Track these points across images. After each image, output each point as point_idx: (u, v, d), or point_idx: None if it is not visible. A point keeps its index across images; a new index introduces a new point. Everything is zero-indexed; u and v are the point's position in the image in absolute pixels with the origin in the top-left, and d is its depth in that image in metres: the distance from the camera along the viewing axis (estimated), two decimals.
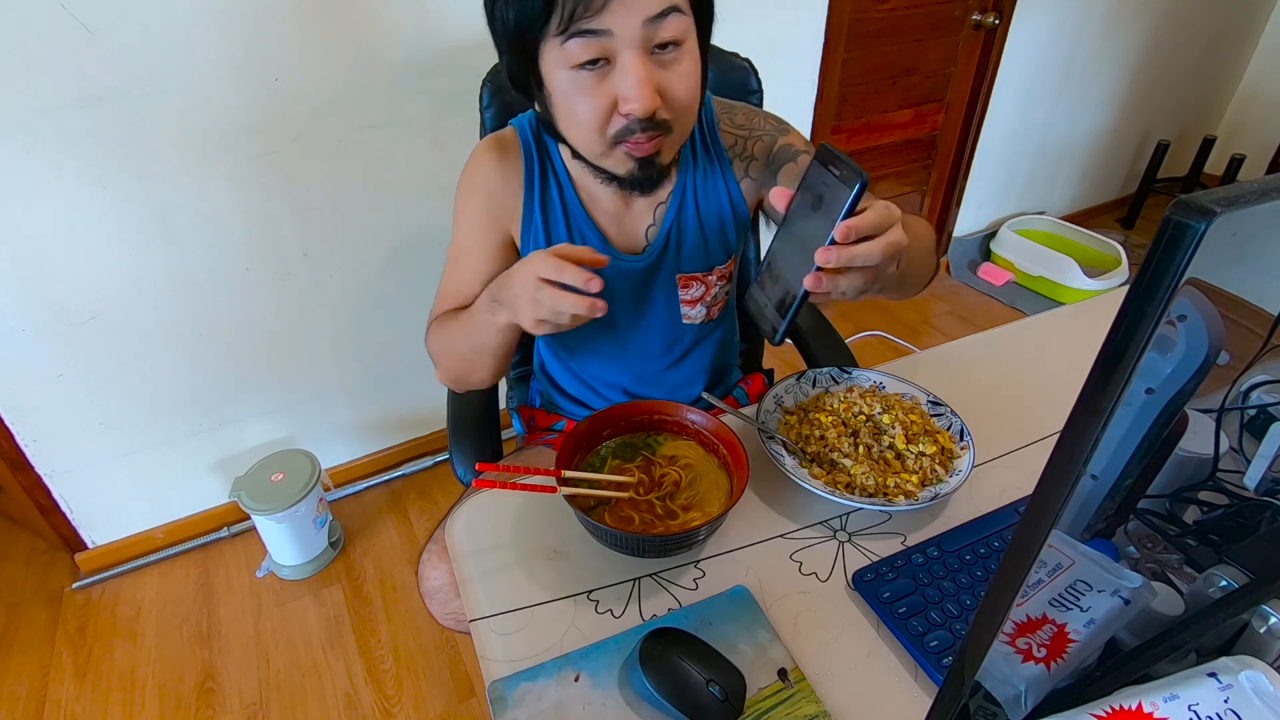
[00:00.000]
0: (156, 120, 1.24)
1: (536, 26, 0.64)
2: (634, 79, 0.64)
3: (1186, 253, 0.24)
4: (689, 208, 0.85)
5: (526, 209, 0.82)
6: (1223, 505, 0.52)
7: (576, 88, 0.66)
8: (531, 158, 0.82)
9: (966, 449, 0.76)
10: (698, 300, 0.90)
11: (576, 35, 0.62)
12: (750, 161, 0.86)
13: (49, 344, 1.34)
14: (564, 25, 0.62)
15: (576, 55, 0.63)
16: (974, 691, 0.44)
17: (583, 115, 0.67)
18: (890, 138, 2.29)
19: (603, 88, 0.66)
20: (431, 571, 0.84)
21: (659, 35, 0.64)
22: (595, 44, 0.63)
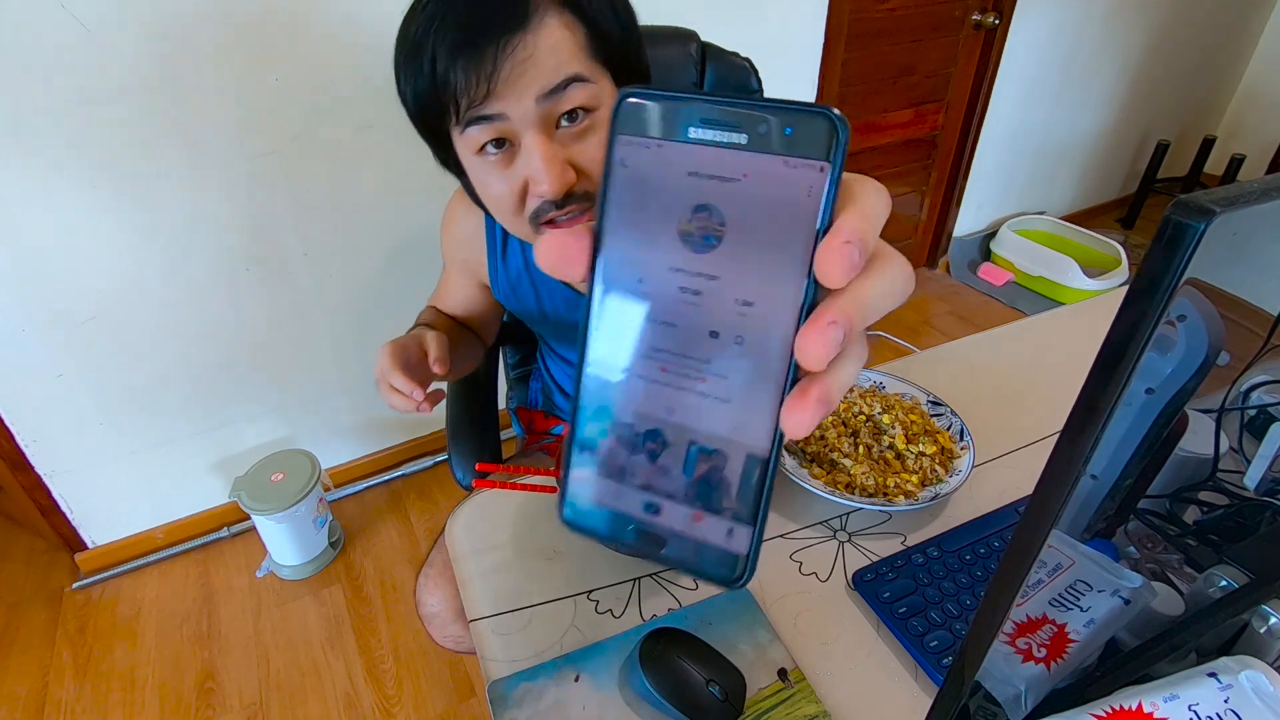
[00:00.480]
0: (156, 120, 1.24)
1: (435, 113, 0.61)
2: (538, 160, 0.59)
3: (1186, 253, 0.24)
4: None
5: (490, 263, 0.85)
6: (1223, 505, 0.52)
7: (486, 173, 0.63)
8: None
9: (966, 449, 0.76)
10: None
11: (472, 123, 0.60)
12: None
13: (49, 344, 1.34)
14: (459, 114, 0.59)
15: (477, 140, 0.61)
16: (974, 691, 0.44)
17: (497, 199, 0.65)
18: (890, 138, 2.29)
19: (513, 169, 0.62)
20: (428, 597, 0.85)
21: (561, 108, 0.59)
22: (491, 128, 0.60)
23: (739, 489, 0.23)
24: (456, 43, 0.57)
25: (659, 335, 0.23)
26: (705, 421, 0.23)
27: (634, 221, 0.23)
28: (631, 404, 0.24)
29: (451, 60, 0.57)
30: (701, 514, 0.24)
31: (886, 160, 2.34)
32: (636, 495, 0.24)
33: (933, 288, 2.65)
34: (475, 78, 0.57)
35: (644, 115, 0.23)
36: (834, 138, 0.21)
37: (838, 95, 2.07)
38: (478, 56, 0.57)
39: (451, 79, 0.58)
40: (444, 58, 0.58)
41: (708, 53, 1.03)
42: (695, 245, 0.23)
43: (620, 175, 0.23)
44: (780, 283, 0.22)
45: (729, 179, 0.22)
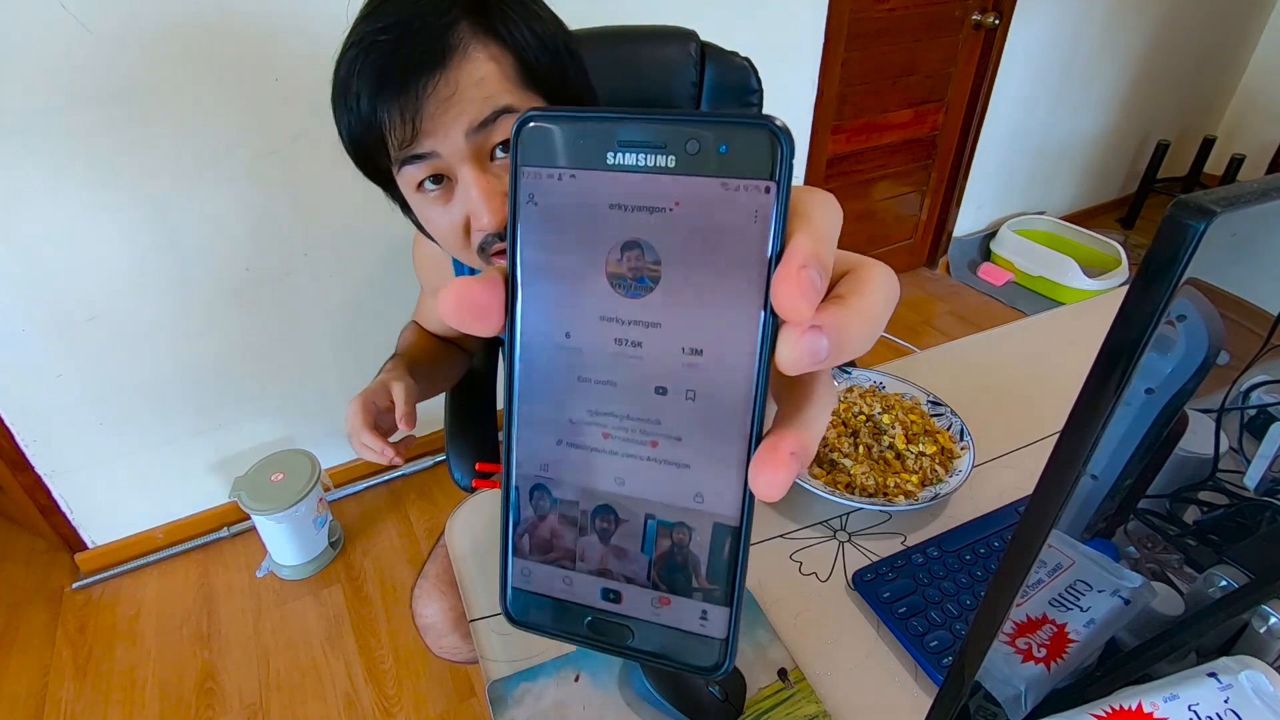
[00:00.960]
0: (156, 120, 1.24)
1: (371, 153, 0.61)
2: (476, 195, 0.59)
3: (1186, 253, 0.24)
4: None
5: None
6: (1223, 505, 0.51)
7: (429, 209, 0.63)
8: None
9: (966, 449, 0.76)
10: None
11: (406, 162, 0.59)
12: None
13: (49, 344, 1.34)
14: (393, 153, 0.59)
15: (414, 178, 0.60)
16: (974, 691, 0.44)
17: (442, 234, 0.65)
18: (890, 138, 2.29)
19: (453, 204, 0.61)
20: (424, 609, 0.85)
21: (493, 140, 0.59)
22: (426, 165, 0.59)
23: (709, 565, 0.20)
24: (380, 83, 0.56)
25: (597, 396, 0.20)
26: (662, 491, 0.20)
27: (553, 266, 0.20)
28: (573, 478, 0.21)
29: (376, 101, 0.57)
30: (668, 597, 0.21)
31: (886, 160, 2.34)
32: (591, 582, 0.22)
33: (933, 288, 2.65)
34: (400, 117, 0.57)
35: (550, 141, 0.20)
36: (777, 152, 0.18)
37: (838, 95, 2.07)
38: (401, 96, 0.56)
39: (378, 119, 0.57)
40: (368, 98, 0.57)
41: (707, 53, 1.03)
42: (628, 289, 0.19)
43: (530, 214, 0.20)
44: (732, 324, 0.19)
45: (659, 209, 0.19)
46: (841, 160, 2.22)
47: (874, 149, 2.28)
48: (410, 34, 0.55)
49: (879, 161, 2.32)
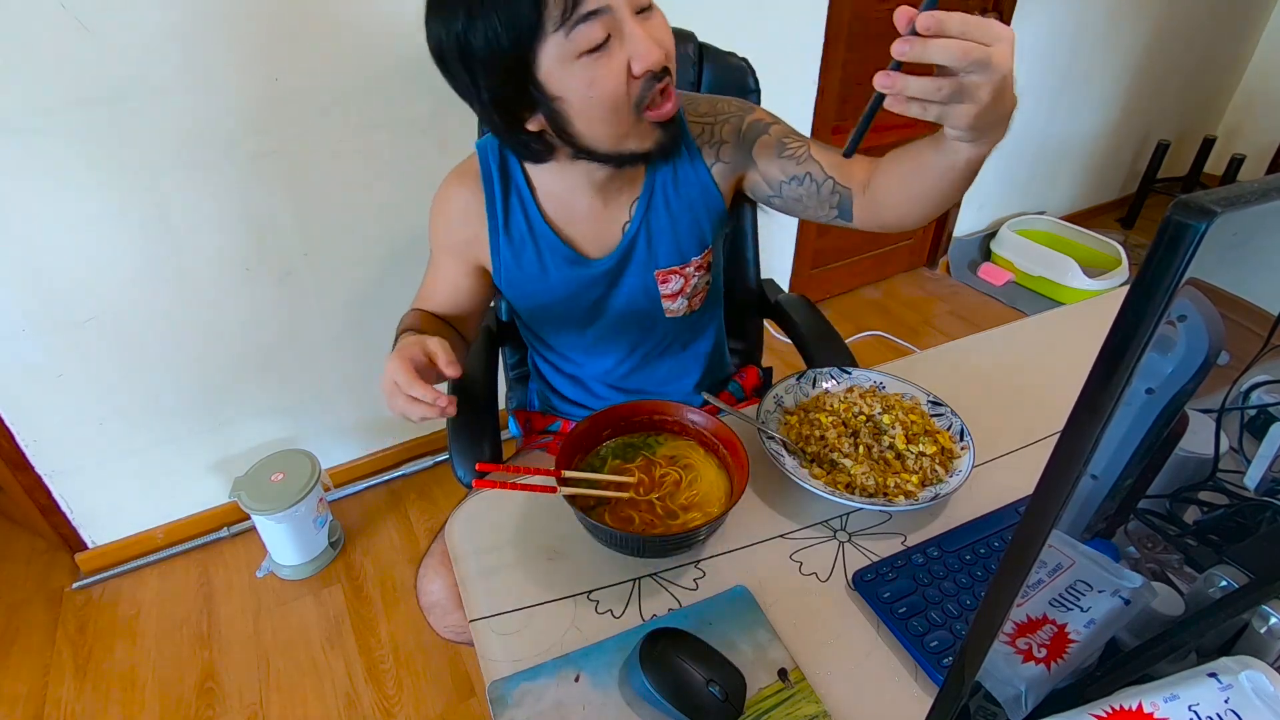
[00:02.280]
0: (156, 120, 1.24)
1: (530, 33, 0.64)
2: (642, 38, 0.66)
3: (1186, 253, 0.24)
4: (658, 202, 0.85)
5: (492, 238, 0.84)
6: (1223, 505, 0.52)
7: (595, 70, 0.66)
8: (493, 185, 0.83)
9: (966, 449, 0.76)
10: (678, 294, 0.90)
11: (580, 22, 0.63)
12: (720, 145, 0.84)
13: (49, 344, 1.34)
14: (564, 17, 0.63)
15: (585, 41, 0.64)
16: (974, 691, 0.44)
17: (608, 94, 0.68)
18: (890, 138, 2.28)
19: (613, 63, 0.67)
20: (429, 585, 0.85)
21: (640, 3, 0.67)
22: (598, 24, 0.64)
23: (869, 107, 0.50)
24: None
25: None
26: None
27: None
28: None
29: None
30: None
31: None
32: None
33: (933, 288, 2.65)
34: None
35: None
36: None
37: (838, 95, 2.07)
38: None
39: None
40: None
41: (705, 53, 1.03)
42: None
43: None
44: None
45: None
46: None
47: (874, 149, 2.26)
48: None
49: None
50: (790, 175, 0.81)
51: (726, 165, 0.84)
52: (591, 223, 0.84)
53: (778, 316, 1.13)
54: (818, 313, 1.11)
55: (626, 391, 0.98)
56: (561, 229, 0.84)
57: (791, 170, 0.81)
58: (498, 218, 0.83)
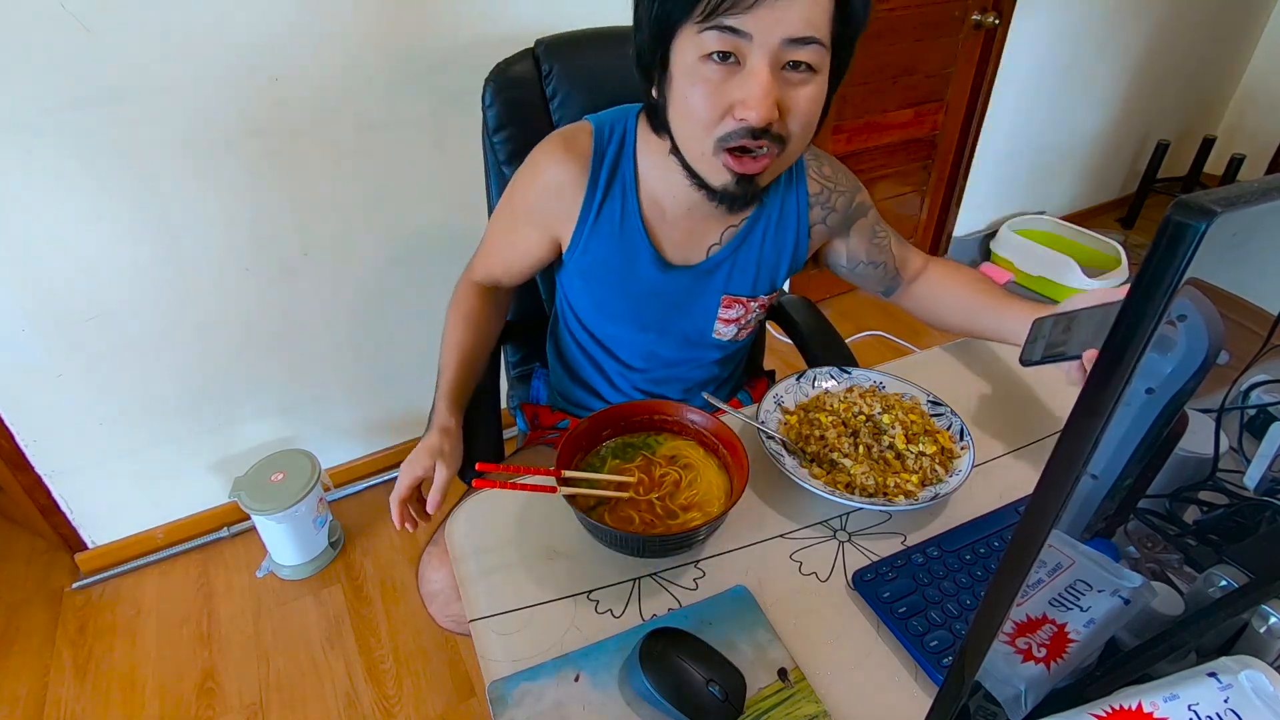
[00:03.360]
0: (156, 120, 1.24)
1: (681, 11, 0.64)
2: (758, 86, 0.64)
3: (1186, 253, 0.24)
4: (756, 238, 0.86)
5: (582, 218, 0.83)
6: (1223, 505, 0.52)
7: (699, 78, 0.66)
8: (600, 168, 0.81)
9: (966, 449, 0.76)
10: (734, 321, 0.92)
11: (715, 28, 0.62)
12: (830, 212, 0.89)
13: (49, 344, 1.34)
14: (706, 13, 0.62)
15: (708, 45, 0.63)
16: (974, 691, 0.44)
17: (697, 108, 0.67)
18: (890, 138, 2.29)
19: (725, 87, 0.65)
20: (432, 574, 0.85)
21: (791, 56, 0.64)
22: (730, 40, 0.63)
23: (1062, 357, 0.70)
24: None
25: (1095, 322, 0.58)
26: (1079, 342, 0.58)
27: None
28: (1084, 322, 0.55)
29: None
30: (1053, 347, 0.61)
31: (886, 160, 2.34)
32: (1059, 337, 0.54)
33: None
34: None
35: None
36: None
37: (838, 95, 2.07)
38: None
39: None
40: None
41: None
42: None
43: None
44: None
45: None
46: (842, 160, 2.21)
47: (874, 149, 2.28)
48: None
49: (879, 161, 2.32)
50: (870, 259, 0.94)
51: (825, 229, 0.90)
52: (681, 231, 0.85)
53: (779, 317, 1.13)
54: (818, 313, 1.11)
55: (642, 393, 0.99)
56: (652, 229, 0.84)
57: (873, 256, 0.94)
58: (595, 202, 0.82)
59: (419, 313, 1.66)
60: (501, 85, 0.97)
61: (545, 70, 0.98)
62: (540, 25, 1.34)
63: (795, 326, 1.09)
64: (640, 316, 0.90)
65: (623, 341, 0.94)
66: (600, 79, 0.98)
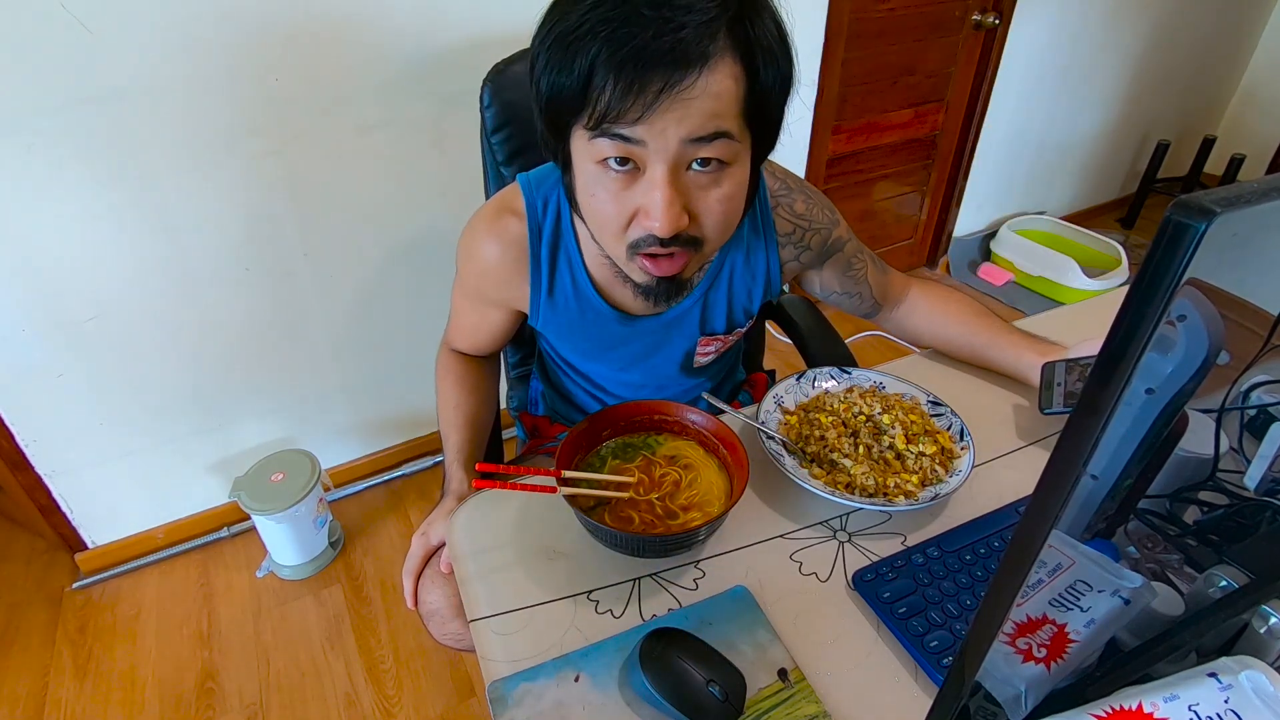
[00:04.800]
0: (156, 120, 1.24)
1: (568, 110, 0.58)
2: (660, 200, 0.59)
3: (1186, 253, 0.24)
4: (723, 283, 0.84)
5: (534, 294, 0.80)
6: (1223, 505, 0.52)
7: (599, 184, 0.61)
8: (540, 247, 0.78)
9: (966, 449, 0.76)
10: (713, 352, 0.92)
11: (606, 135, 0.57)
12: (804, 250, 0.87)
13: (49, 344, 1.34)
14: (595, 121, 0.57)
15: (603, 151, 0.59)
16: (974, 691, 0.44)
17: (602, 214, 0.63)
18: (890, 138, 2.29)
19: (628, 193, 0.61)
20: (427, 595, 0.84)
21: (697, 154, 0.59)
22: (624, 148, 0.58)
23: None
24: (624, 58, 0.53)
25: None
26: None
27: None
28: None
29: (612, 73, 0.54)
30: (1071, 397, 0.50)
31: (886, 160, 2.34)
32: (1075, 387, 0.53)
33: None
34: (632, 101, 0.55)
35: None
36: None
37: (838, 95, 2.07)
38: (642, 80, 0.54)
39: (604, 90, 0.55)
40: (605, 67, 0.54)
41: None
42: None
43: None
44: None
45: None
46: (841, 160, 2.22)
47: (874, 149, 2.28)
48: (675, 21, 0.53)
49: (879, 161, 2.32)
50: (845, 290, 0.92)
51: (799, 265, 0.89)
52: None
53: (778, 317, 1.13)
54: (818, 313, 1.11)
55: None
56: (607, 292, 0.81)
57: (849, 286, 0.92)
58: (542, 281, 0.79)
59: (419, 313, 1.66)
60: (500, 86, 0.97)
61: None
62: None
63: (795, 326, 1.09)
64: (618, 362, 0.89)
65: (606, 377, 0.95)
66: None
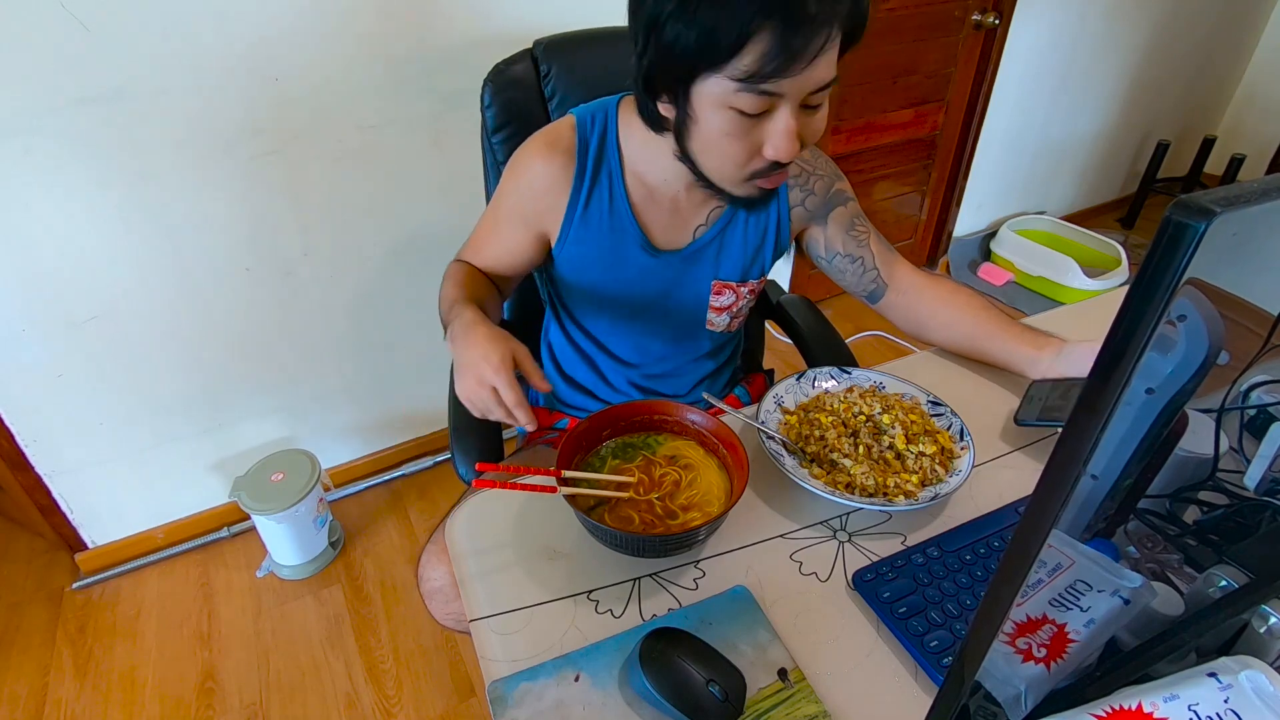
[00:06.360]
0: (156, 120, 1.24)
1: (710, 61, 0.64)
2: (786, 134, 0.67)
3: (1186, 253, 0.24)
4: (739, 218, 0.88)
5: (569, 210, 0.84)
6: (1223, 505, 0.52)
7: (730, 129, 0.68)
8: (586, 158, 0.82)
9: (966, 449, 0.76)
10: (725, 309, 0.93)
11: (751, 90, 0.64)
12: (809, 195, 0.90)
13: (49, 344, 1.34)
14: (746, 76, 0.63)
15: (744, 105, 0.65)
16: (974, 691, 0.44)
17: (730, 155, 0.70)
18: (890, 138, 2.29)
19: (754, 133, 0.68)
20: (431, 572, 0.85)
21: (814, 98, 0.68)
22: (765, 101, 0.65)
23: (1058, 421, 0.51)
24: (791, 25, 0.60)
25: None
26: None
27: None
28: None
29: (777, 39, 0.60)
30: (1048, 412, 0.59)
31: (886, 160, 2.34)
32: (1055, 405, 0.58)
33: None
34: (790, 64, 0.62)
35: None
36: None
37: (838, 95, 2.07)
38: (805, 46, 0.61)
39: (765, 53, 0.61)
40: (770, 32, 0.60)
41: None
42: None
43: None
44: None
45: None
46: (841, 160, 2.22)
47: (874, 149, 2.28)
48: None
49: (879, 161, 2.32)
50: (848, 251, 0.92)
51: (805, 212, 0.91)
52: (670, 215, 0.86)
53: (778, 317, 1.13)
54: (818, 313, 1.11)
55: (639, 389, 0.99)
56: (640, 213, 0.85)
57: (851, 248, 0.92)
58: (581, 193, 0.83)
59: (419, 313, 1.66)
60: (500, 85, 0.97)
61: (544, 70, 0.98)
62: (539, 26, 1.34)
63: (795, 326, 1.09)
64: (632, 304, 0.90)
65: (616, 334, 0.95)
66: (598, 79, 0.98)
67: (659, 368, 0.97)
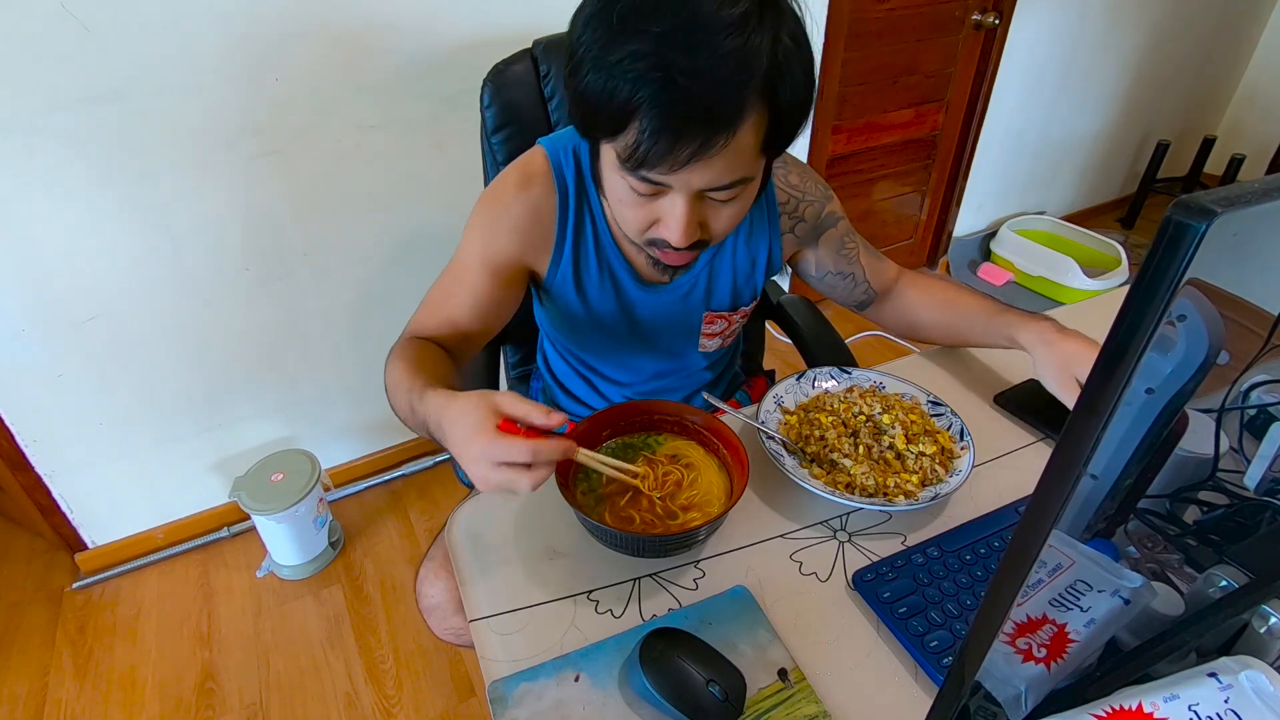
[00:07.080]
0: (156, 120, 1.24)
1: (602, 130, 0.61)
2: (676, 223, 0.64)
3: (1186, 253, 0.24)
4: (727, 252, 0.86)
5: (557, 244, 0.81)
6: (1223, 505, 0.52)
7: (624, 198, 0.66)
8: (566, 191, 0.79)
9: (966, 449, 0.76)
10: (717, 335, 0.93)
11: (633, 173, 0.61)
12: (799, 222, 0.89)
13: (49, 344, 1.34)
14: (627, 158, 0.59)
15: (632, 184, 0.63)
16: (974, 691, 0.44)
17: (628, 220, 0.69)
18: (890, 138, 2.29)
19: (650, 207, 0.66)
20: (429, 589, 0.84)
21: (719, 194, 0.64)
22: (651, 188, 0.63)
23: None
24: (659, 125, 0.56)
25: None
26: None
27: None
28: None
29: (655, 126, 0.56)
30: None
31: (886, 160, 2.34)
32: None
33: None
34: (667, 160, 0.58)
35: None
36: None
37: (837, 95, 2.07)
38: (677, 141, 0.57)
39: (641, 137, 0.57)
40: (648, 117, 0.56)
41: None
42: None
43: None
44: None
45: None
46: (841, 160, 2.22)
47: (874, 149, 2.28)
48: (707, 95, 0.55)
49: (879, 161, 2.32)
50: (839, 269, 0.93)
51: (795, 239, 0.90)
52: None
53: (779, 317, 1.13)
54: (818, 313, 1.11)
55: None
56: (624, 245, 0.83)
57: (841, 266, 0.93)
58: (568, 226, 0.80)
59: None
60: (500, 86, 0.97)
61: (543, 71, 0.98)
62: (538, 26, 1.34)
63: (795, 326, 1.09)
64: (624, 330, 0.89)
65: (609, 358, 0.94)
66: None
67: (652, 385, 0.97)
